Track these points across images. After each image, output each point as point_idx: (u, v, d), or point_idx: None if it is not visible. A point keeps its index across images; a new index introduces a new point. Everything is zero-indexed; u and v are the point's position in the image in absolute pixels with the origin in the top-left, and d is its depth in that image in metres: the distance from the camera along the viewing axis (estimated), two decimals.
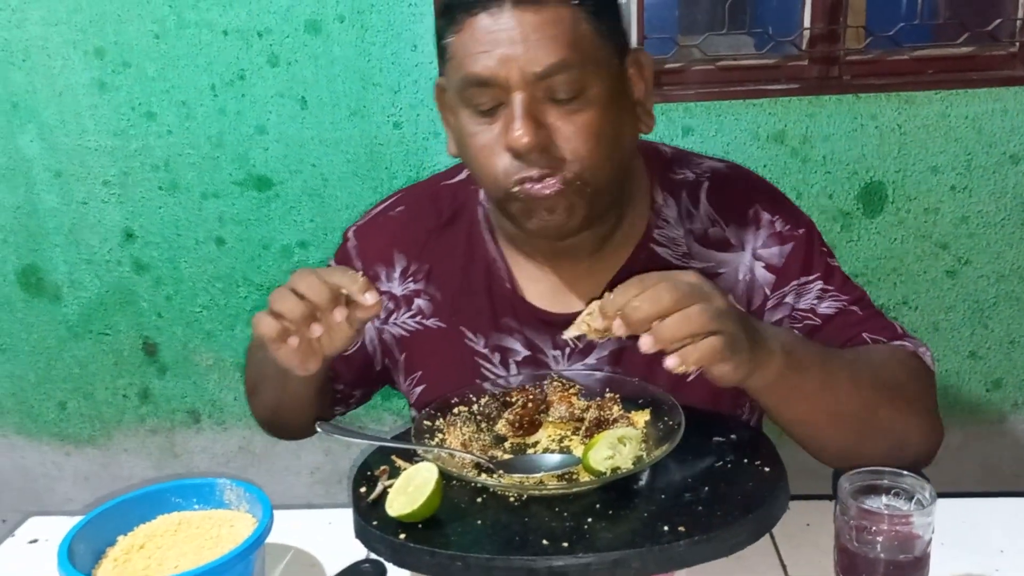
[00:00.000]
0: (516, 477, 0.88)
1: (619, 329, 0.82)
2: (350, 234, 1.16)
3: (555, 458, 0.90)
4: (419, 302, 1.12)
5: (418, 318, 1.12)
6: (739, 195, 1.08)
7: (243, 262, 1.88)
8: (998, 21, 1.84)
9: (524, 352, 1.10)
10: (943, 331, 1.85)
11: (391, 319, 1.14)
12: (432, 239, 1.12)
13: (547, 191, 0.93)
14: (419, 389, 1.14)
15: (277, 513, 0.92)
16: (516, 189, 0.94)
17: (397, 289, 1.13)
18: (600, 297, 0.85)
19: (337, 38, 1.75)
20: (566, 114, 0.91)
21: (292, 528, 1.03)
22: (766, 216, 1.06)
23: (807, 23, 1.85)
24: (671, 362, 0.80)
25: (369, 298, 0.87)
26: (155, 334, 1.92)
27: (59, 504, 2.00)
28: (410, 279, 1.13)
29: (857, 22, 1.88)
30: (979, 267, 1.82)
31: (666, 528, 0.80)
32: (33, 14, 1.77)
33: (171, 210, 1.85)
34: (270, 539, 0.91)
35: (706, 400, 1.06)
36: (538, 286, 1.09)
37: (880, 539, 0.81)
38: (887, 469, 0.85)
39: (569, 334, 0.88)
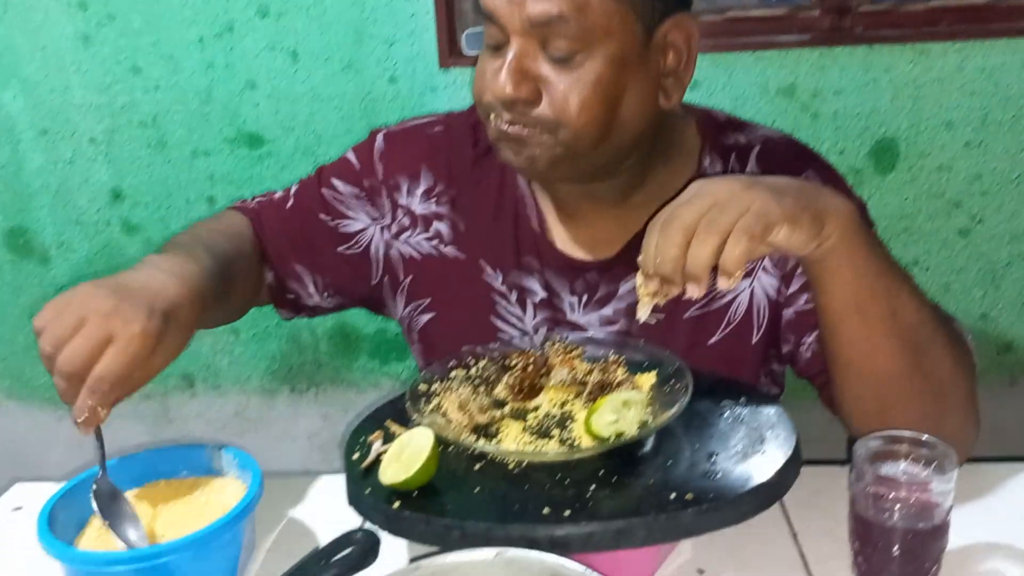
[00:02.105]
0: (514, 443, 0.85)
1: (669, 289, 0.81)
2: (379, 136, 1.13)
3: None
4: (439, 226, 1.09)
5: (435, 242, 1.10)
6: (791, 161, 1.04)
7: None
8: None
9: (542, 294, 1.07)
10: (954, 292, 1.81)
11: (403, 236, 1.11)
12: (465, 166, 1.10)
13: (512, 132, 0.92)
14: (426, 317, 1.12)
15: (270, 480, 0.89)
16: (491, 118, 0.94)
17: (417, 207, 1.10)
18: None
19: None
20: (559, 71, 0.89)
21: (285, 496, 1.00)
22: (817, 183, 1.01)
23: None
24: (721, 283, 0.79)
25: (79, 430, 0.81)
26: None
27: (52, 470, 1.98)
28: (433, 200, 1.10)
29: None
30: (992, 226, 1.78)
31: (673, 496, 0.76)
32: None
33: (160, 169, 1.80)
34: (262, 507, 0.89)
35: (724, 366, 1.03)
36: (565, 230, 1.07)
37: (897, 507, 0.77)
38: (905, 434, 0.81)
39: (642, 315, 0.87)
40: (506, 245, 1.07)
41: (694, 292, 0.80)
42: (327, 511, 0.96)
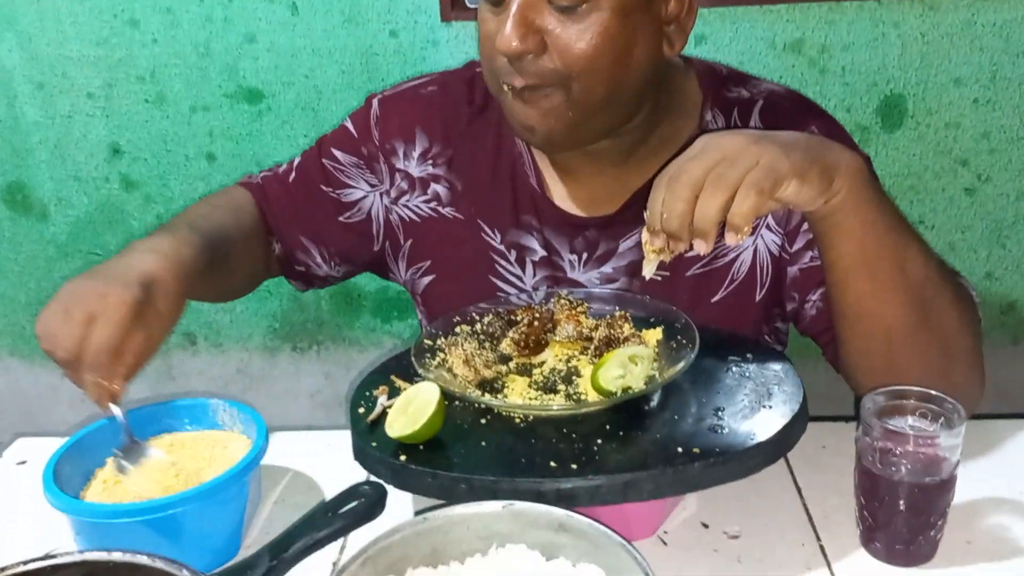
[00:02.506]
0: (520, 399, 0.85)
1: (676, 245, 0.80)
2: (374, 101, 1.12)
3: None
4: (437, 188, 1.08)
5: (433, 204, 1.09)
6: (795, 116, 1.02)
7: (235, 179, 1.78)
8: None
9: (541, 252, 1.06)
10: (959, 251, 1.80)
11: (401, 200, 1.10)
12: (461, 125, 1.08)
13: (525, 115, 0.91)
14: (427, 280, 1.11)
15: (275, 435, 0.90)
16: (502, 95, 0.92)
17: (414, 170, 1.09)
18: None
19: None
20: (564, 21, 0.87)
21: (290, 450, 1.01)
22: (821, 136, 1.01)
23: None
24: (729, 239, 0.78)
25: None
26: None
27: (56, 427, 1.98)
28: (430, 162, 1.08)
29: None
30: (999, 185, 1.76)
31: (680, 450, 0.76)
32: None
33: (159, 124, 1.78)
34: (268, 461, 0.89)
35: (727, 323, 1.03)
36: (562, 187, 1.05)
37: (905, 461, 0.77)
38: (913, 389, 0.81)
39: (647, 272, 0.86)
40: (504, 204, 1.06)
41: (701, 248, 0.79)
42: (332, 465, 0.96)
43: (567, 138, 0.94)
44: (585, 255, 1.05)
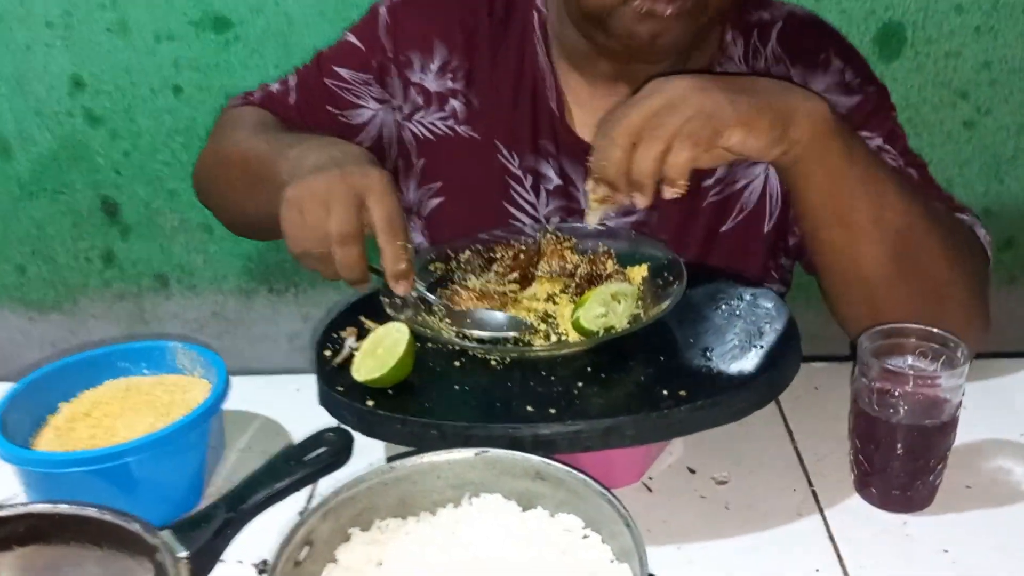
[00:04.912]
0: (490, 335, 0.80)
1: (616, 196, 0.78)
2: (382, 9, 1.04)
3: (501, 317, 0.82)
4: (454, 104, 1.02)
5: (449, 122, 1.03)
6: (812, 39, 0.99)
7: (204, 113, 1.72)
8: None
9: (556, 181, 1.02)
10: (956, 187, 1.74)
11: (416, 116, 1.04)
12: (481, 38, 1.01)
13: (668, 11, 0.83)
14: (437, 201, 1.06)
15: (243, 380, 0.86)
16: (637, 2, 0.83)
17: (432, 83, 1.02)
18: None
19: None
20: None
21: (259, 395, 0.97)
22: (837, 63, 0.98)
23: None
24: (665, 193, 0.76)
25: (400, 289, 0.80)
26: (115, 193, 1.79)
27: (26, 372, 1.93)
28: (448, 76, 1.02)
29: None
30: (999, 118, 1.70)
31: (665, 393, 0.72)
32: None
33: (122, 54, 1.69)
34: (235, 407, 0.85)
35: (735, 256, 1.00)
36: (584, 113, 1.00)
37: (903, 403, 0.73)
38: (913, 326, 0.77)
39: (590, 221, 0.84)
40: (523, 126, 1.01)
41: (640, 202, 0.76)
42: (303, 411, 0.91)
43: (687, 43, 0.89)
44: None
